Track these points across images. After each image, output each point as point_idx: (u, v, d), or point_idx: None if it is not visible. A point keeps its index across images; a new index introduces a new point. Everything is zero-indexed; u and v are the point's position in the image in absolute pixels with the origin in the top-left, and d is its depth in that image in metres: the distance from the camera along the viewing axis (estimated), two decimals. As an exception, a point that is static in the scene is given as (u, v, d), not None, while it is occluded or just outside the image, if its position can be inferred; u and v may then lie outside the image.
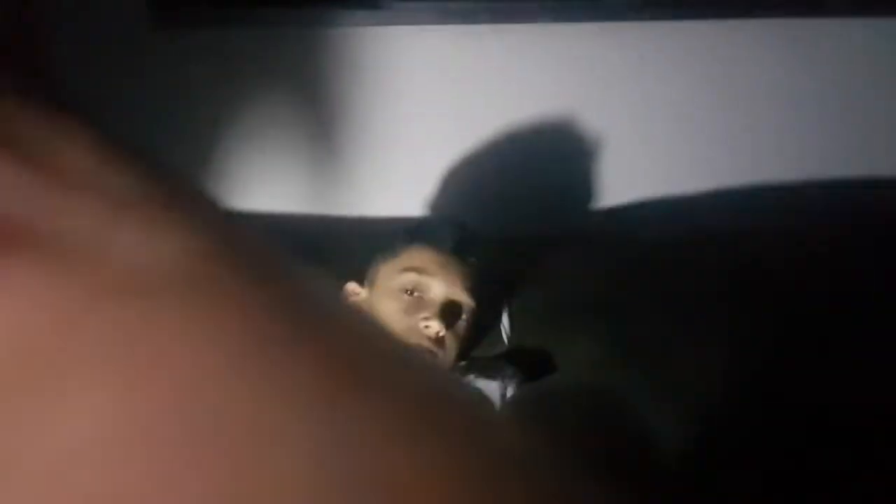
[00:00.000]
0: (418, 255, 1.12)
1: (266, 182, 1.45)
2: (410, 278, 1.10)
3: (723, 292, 1.21)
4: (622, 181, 1.55)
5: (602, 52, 1.43)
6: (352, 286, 1.19)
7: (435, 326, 1.07)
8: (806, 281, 1.21)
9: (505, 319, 1.25)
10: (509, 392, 1.11)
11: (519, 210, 1.51)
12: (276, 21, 1.33)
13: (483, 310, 1.16)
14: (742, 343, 1.15)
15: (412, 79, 1.44)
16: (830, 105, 1.54)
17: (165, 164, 0.12)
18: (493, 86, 1.45)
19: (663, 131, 1.51)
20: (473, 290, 1.12)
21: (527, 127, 1.48)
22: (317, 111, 1.44)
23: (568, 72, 1.45)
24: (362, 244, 1.25)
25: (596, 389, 1.09)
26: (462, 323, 1.12)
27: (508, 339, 1.24)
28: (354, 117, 1.45)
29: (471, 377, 1.13)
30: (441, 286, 1.09)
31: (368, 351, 0.13)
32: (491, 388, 1.11)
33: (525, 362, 1.19)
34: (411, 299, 1.09)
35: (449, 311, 1.09)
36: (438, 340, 1.08)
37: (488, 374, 1.14)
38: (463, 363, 1.17)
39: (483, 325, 1.21)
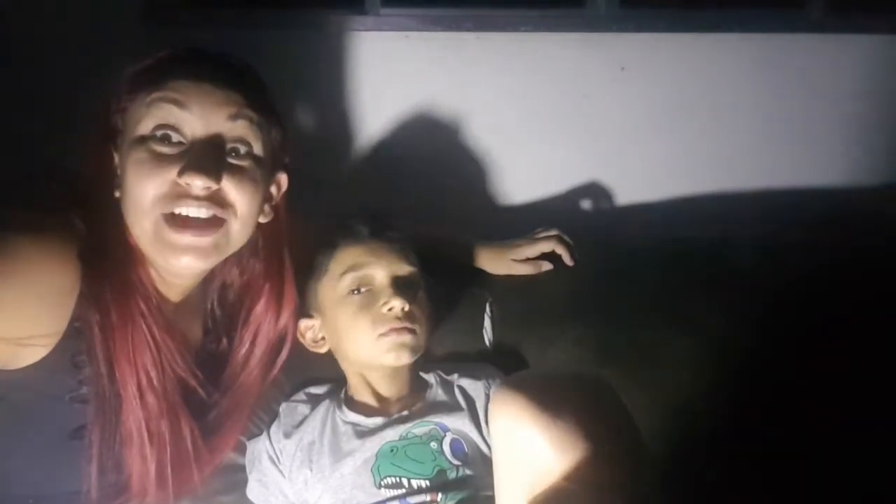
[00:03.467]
0: (346, 255, 1.12)
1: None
2: (351, 278, 1.10)
3: (700, 295, 1.24)
4: (601, 187, 1.58)
5: (583, 61, 1.46)
6: (304, 323, 1.15)
7: (397, 304, 1.07)
8: (780, 284, 1.24)
9: (487, 322, 1.26)
10: (493, 391, 1.13)
11: (504, 214, 1.53)
12: (266, 23, 1.34)
13: (424, 273, 1.16)
14: (719, 344, 1.17)
15: (397, 83, 1.45)
16: (805, 116, 1.58)
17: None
18: (475, 92, 1.47)
19: (643, 139, 1.55)
20: (409, 258, 1.13)
21: (509, 133, 1.51)
22: (303, 112, 1.45)
23: (550, 80, 1.47)
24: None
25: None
26: (419, 292, 1.12)
27: (490, 341, 1.26)
28: (339, 120, 1.46)
29: (455, 376, 1.15)
30: (381, 269, 1.10)
31: None
32: (476, 387, 1.13)
33: (506, 363, 1.21)
34: (362, 296, 1.09)
35: (401, 286, 1.09)
36: (407, 315, 1.08)
37: (472, 374, 1.15)
38: (446, 363, 1.19)
39: (464, 325, 1.23)
